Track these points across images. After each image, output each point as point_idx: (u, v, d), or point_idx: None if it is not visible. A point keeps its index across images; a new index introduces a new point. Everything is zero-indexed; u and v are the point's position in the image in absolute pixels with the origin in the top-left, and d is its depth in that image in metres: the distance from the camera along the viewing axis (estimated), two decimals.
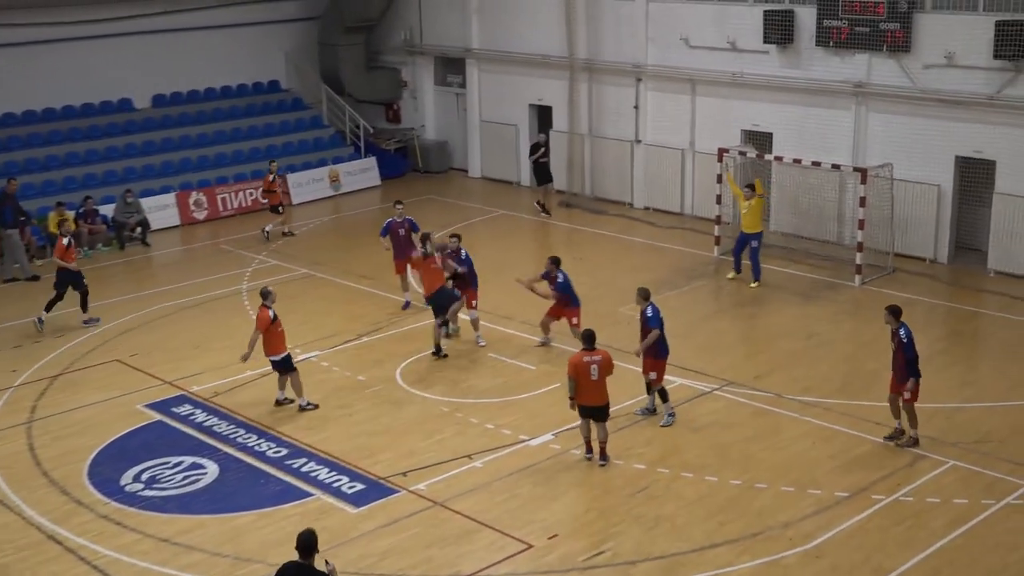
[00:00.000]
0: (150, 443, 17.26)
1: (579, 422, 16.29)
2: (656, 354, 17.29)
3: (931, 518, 14.49)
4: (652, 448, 16.66)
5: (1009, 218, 23.70)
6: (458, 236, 21.30)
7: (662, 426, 17.26)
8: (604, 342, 19.83)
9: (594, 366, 15.86)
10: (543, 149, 30.37)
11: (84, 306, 22.44)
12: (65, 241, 22.26)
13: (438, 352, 20.28)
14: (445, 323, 20.43)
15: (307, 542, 10.95)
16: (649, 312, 17.29)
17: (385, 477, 15.94)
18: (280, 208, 28.87)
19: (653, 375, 17.40)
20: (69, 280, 22.20)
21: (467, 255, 21.00)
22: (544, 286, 20.13)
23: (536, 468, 16.12)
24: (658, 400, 17.57)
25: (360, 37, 36.15)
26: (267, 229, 28.52)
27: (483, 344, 20.71)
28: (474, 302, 20.86)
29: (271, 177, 29.02)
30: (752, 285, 23.61)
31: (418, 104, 36.39)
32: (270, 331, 17.85)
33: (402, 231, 22.53)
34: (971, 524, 14.32)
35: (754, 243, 23.63)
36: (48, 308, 22.21)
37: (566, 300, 20.08)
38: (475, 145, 34.57)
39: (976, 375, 19.51)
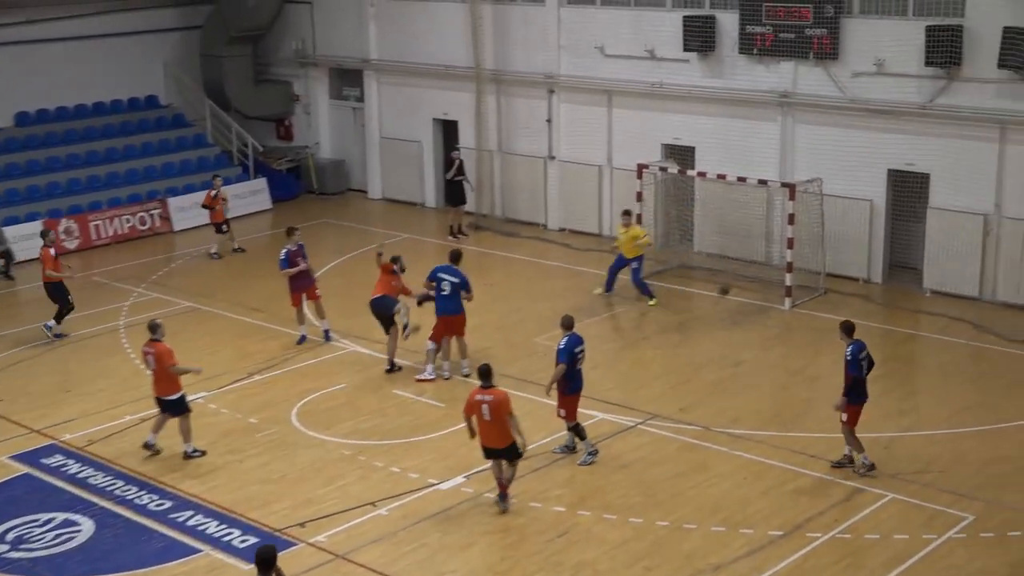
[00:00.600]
0: (16, 499, 16.86)
1: (490, 463, 16.27)
2: (564, 389, 17.29)
3: (870, 556, 14.71)
4: (571, 489, 16.71)
5: (944, 234, 24.26)
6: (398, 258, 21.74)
7: (580, 465, 17.32)
8: (517, 375, 19.98)
9: (485, 406, 15.63)
10: (457, 164, 30.23)
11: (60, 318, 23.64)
12: (52, 252, 23.65)
13: (391, 368, 21.11)
14: (406, 326, 20.85)
15: (265, 555, 12.12)
16: (561, 344, 17.31)
17: (281, 529, 15.76)
18: (225, 227, 29.16)
19: (562, 412, 17.43)
20: (62, 291, 23.56)
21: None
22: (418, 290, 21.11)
23: (447, 514, 16.07)
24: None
25: (247, 48, 35.98)
26: (213, 251, 29.07)
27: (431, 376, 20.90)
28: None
29: (214, 192, 29.09)
30: (651, 304, 24.05)
31: (312, 120, 36.27)
32: (167, 368, 17.68)
33: (300, 260, 22.46)
34: (912, 561, 14.55)
35: (633, 264, 24.41)
36: (60, 319, 23.60)
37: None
38: (375, 164, 34.52)
39: (915, 402, 19.90)
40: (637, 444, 18.12)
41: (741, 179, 25.50)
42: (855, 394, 16.49)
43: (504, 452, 15.91)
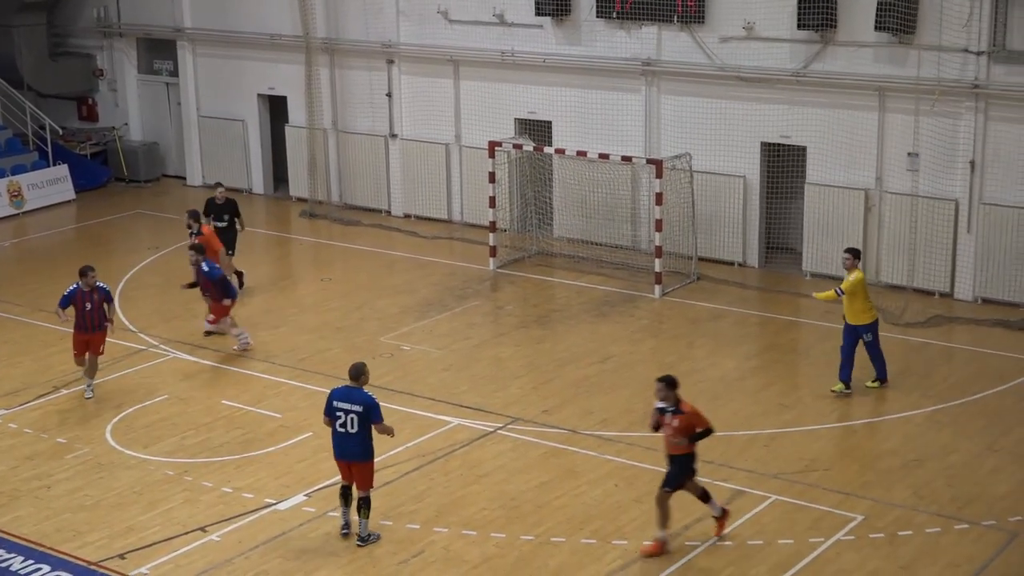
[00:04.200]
0: None
1: (335, 478, 16.15)
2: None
3: (753, 564, 15.05)
4: (426, 504, 16.76)
5: (824, 212, 24.93)
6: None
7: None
8: None
9: None
10: (223, 202, 25.45)
11: None
12: None
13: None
14: None
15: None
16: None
17: (97, 562, 15.51)
18: None
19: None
20: None
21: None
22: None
23: (287, 537, 15.98)
24: (353, 515, 15.95)
25: (41, 16, 35.34)
26: None
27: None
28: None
29: None
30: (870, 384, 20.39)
31: (119, 98, 35.71)
32: None
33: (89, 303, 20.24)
34: (799, 567, 14.93)
35: (866, 337, 19.95)
36: None
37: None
38: (193, 146, 34.12)
39: (796, 395, 20.36)
40: (497, 452, 18.25)
41: (603, 156, 25.83)
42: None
43: None
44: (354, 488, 15.64)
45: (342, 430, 15.43)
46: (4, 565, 15.52)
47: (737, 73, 25.55)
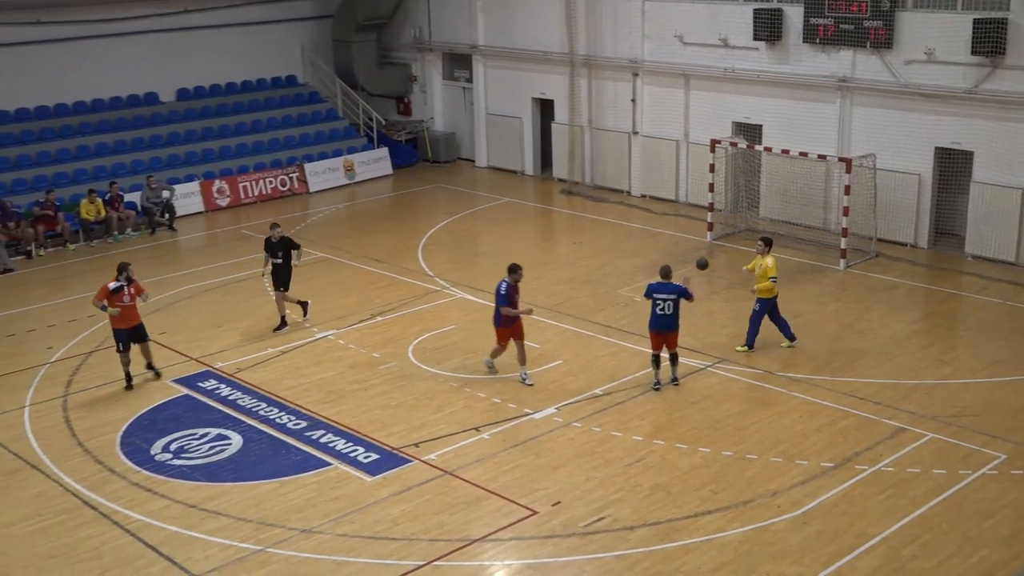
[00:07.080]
0: (178, 416, 17.31)
1: (580, 396, 16.20)
2: None
3: (911, 487, 14.54)
4: (649, 421, 16.71)
5: (985, 205, 23.68)
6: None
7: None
8: (602, 322, 19.98)
9: None
10: (279, 241, 20.79)
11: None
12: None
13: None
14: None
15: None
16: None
17: (398, 448, 16.00)
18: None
19: None
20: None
21: None
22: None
23: (539, 440, 16.17)
24: (664, 374, 17.90)
25: (372, 35, 36.13)
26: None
27: None
28: None
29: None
30: (740, 349, 19.46)
31: (427, 98, 36.35)
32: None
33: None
34: (949, 493, 14.37)
35: (755, 306, 19.32)
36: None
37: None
38: (481, 136, 34.55)
39: (954, 354, 19.48)
40: (707, 384, 18.05)
41: (803, 154, 25.10)
42: None
43: None
44: (664, 350, 17.69)
45: (661, 312, 17.51)
46: (331, 445, 16.15)
47: (918, 90, 24.40)
